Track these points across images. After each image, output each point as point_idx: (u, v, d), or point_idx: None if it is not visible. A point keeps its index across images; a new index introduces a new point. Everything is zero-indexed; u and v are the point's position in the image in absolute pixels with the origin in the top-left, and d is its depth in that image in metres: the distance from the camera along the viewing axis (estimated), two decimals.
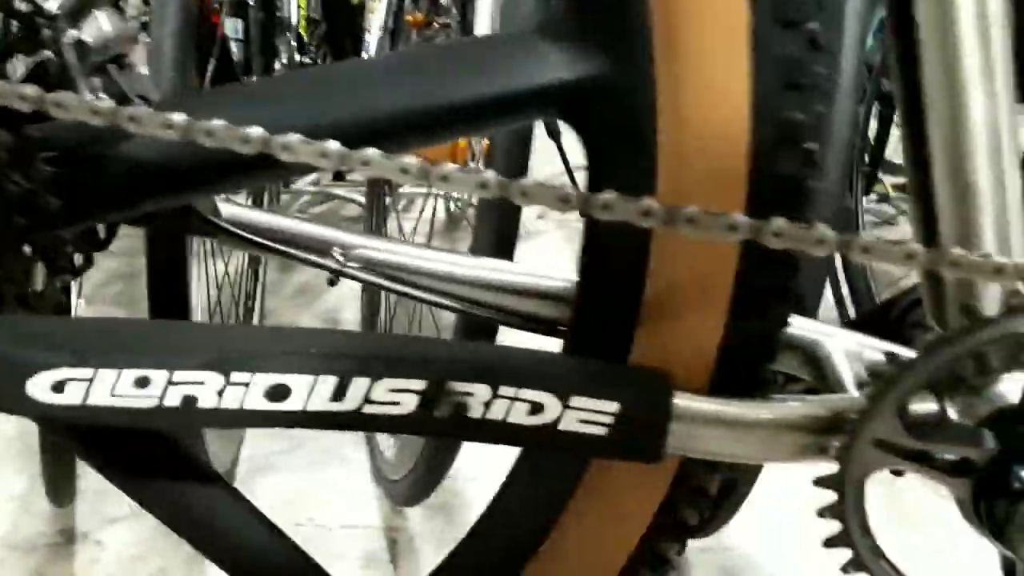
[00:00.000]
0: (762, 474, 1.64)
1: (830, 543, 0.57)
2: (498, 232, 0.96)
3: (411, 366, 0.54)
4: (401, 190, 2.11)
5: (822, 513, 0.56)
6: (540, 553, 0.67)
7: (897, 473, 0.60)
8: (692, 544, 1.42)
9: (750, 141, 0.52)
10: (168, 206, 0.63)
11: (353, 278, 0.70)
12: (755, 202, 0.52)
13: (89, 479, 1.34)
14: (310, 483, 1.50)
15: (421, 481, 1.25)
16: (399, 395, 0.54)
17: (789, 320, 0.59)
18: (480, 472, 1.44)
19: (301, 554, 0.77)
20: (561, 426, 0.55)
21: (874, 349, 0.66)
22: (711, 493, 0.64)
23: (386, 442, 1.47)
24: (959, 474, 0.53)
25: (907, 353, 0.65)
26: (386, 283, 0.70)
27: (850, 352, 0.61)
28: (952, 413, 0.58)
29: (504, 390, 0.54)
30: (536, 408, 0.55)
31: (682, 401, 0.55)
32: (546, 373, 0.55)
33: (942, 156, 0.52)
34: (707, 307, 0.56)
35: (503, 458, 0.64)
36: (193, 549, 0.70)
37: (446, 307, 0.69)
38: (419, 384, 0.54)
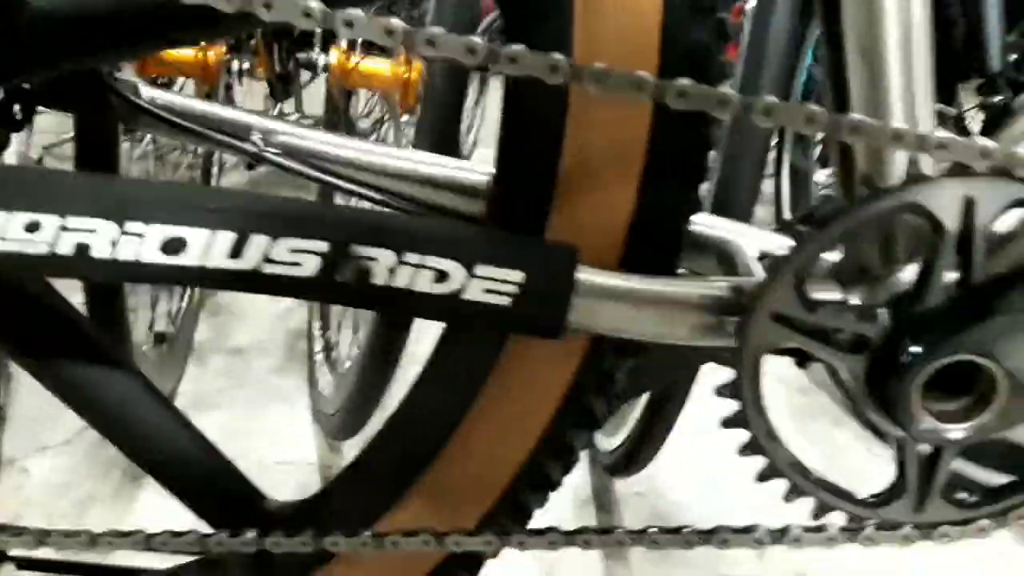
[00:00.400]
0: (700, 424, 1.67)
1: (727, 423, 0.57)
2: (440, 129, 0.95)
3: (313, 226, 0.53)
4: None
5: (720, 391, 0.56)
6: (452, 441, 0.67)
7: (801, 365, 0.61)
8: (626, 487, 1.44)
9: (663, 8, 0.52)
10: (88, 65, 0.61)
11: (272, 163, 0.69)
12: (666, 69, 0.52)
13: (21, 405, 1.31)
14: (250, 421, 1.49)
15: (355, 414, 1.24)
16: (300, 256, 0.53)
17: (700, 204, 0.59)
18: None
19: (211, 448, 0.77)
20: (466, 295, 0.54)
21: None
22: (618, 380, 0.64)
23: (325, 379, 1.46)
24: (855, 351, 0.54)
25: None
26: (305, 170, 0.69)
27: (764, 251, 0.61)
28: (854, 300, 0.59)
29: (409, 256, 0.54)
30: (441, 276, 0.54)
31: (586, 275, 0.55)
32: (452, 240, 0.54)
33: (853, 33, 0.53)
34: (618, 183, 0.56)
35: None
36: (121, 476, 0.70)
37: (364, 196, 0.68)
38: (321, 246, 0.53)
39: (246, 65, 1.53)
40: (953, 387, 0.54)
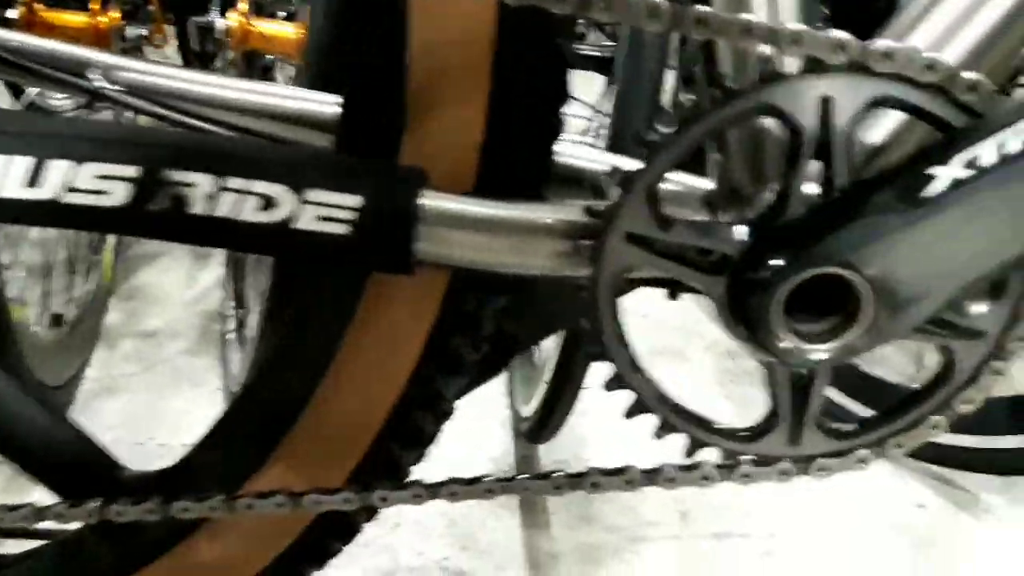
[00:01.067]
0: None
1: (589, 357, 0.54)
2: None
3: (122, 150, 0.48)
4: None
5: (580, 324, 0.53)
6: (317, 393, 0.63)
7: (673, 296, 0.58)
8: (549, 456, 1.41)
9: None
10: None
11: (112, 101, 0.64)
12: None
13: None
14: (156, 405, 1.42)
15: None
16: (107, 183, 0.48)
17: (559, 127, 0.56)
18: None
19: (62, 420, 0.71)
20: (298, 223, 0.50)
21: (669, 180, 0.63)
22: (484, 321, 0.60)
23: (236, 357, 1.40)
24: (715, 271, 0.50)
25: (697, 181, 0.63)
26: (148, 107, 0.64)
27: (617, 169, 0.58)
28: (724, 219, 0.56)
29: (231, 181, 0.49)
30: (268, 202, 0.49)
31: (431, 200, 0.51)
32: (278, 162, 0.50)
33: None
34: (466, 100, 0.52)
35: None
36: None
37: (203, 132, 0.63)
38: (131, 171, 0.48)
39: (143, 32, 1.45)
40: (825, 308, 0.51)
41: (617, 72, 0.92)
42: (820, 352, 0.49)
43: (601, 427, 1.42)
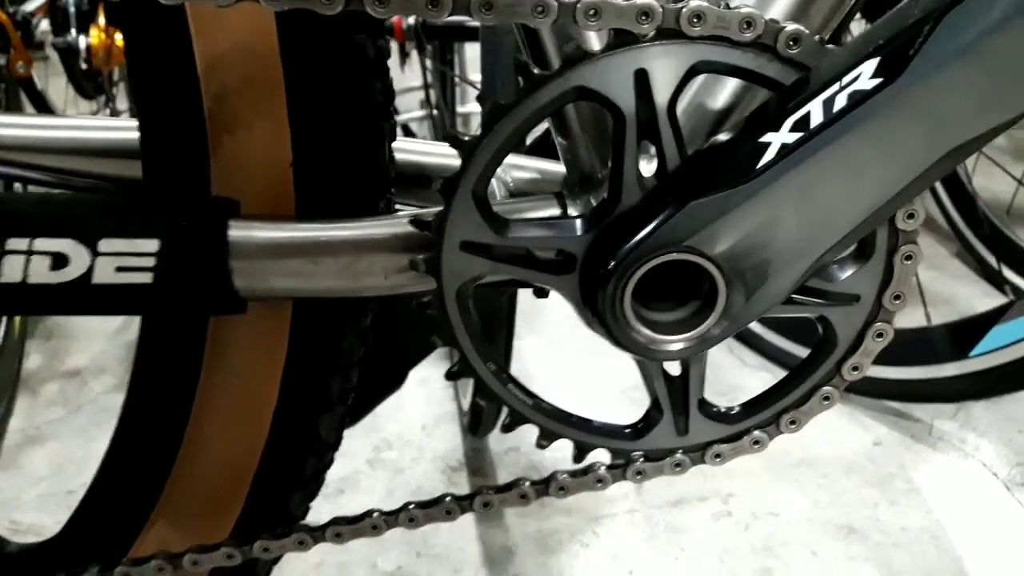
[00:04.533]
0: (575, 370, 1.62)
1: (449, 375, 0.50)
2: None
3: None
4: None
5: (435, 340, 0.48)
6: (183, 445, 0.58)
7: (538, 294, 0.54)
8: (500, 446, 1.38)
9: None
10: None
11: None
12: None
13: None
14: (86, 449, 1.37)
15: None
16: None
17: (390, 131, 0.51)
18: None
19: None
20: (96, 279, 0.45)
21: (525, 168, 0.59)
22: (348, 347, 0.56)
23: None
24: (564, 270, 0.46)
25: (554, 167, 0.58)
26: None
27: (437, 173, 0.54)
28: (574, 212, 0.52)
29: (13, 243, 0.44)
30: (59, 260, 0.45)
31: (241, 231, 0.46)
32: (62, 215, 0.45)
33: None
34: (264, 116, 0.47)
35: None
36: None
37: (26, 180, 0.58)
38: None
39: (1, 61, 1.36)
40: (683, 292, 0.47)
41: (481, 43, 0.87)
42: (679, 343, 0.45)
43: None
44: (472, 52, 2.01)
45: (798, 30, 0.41)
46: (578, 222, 0.45)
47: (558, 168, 0.57)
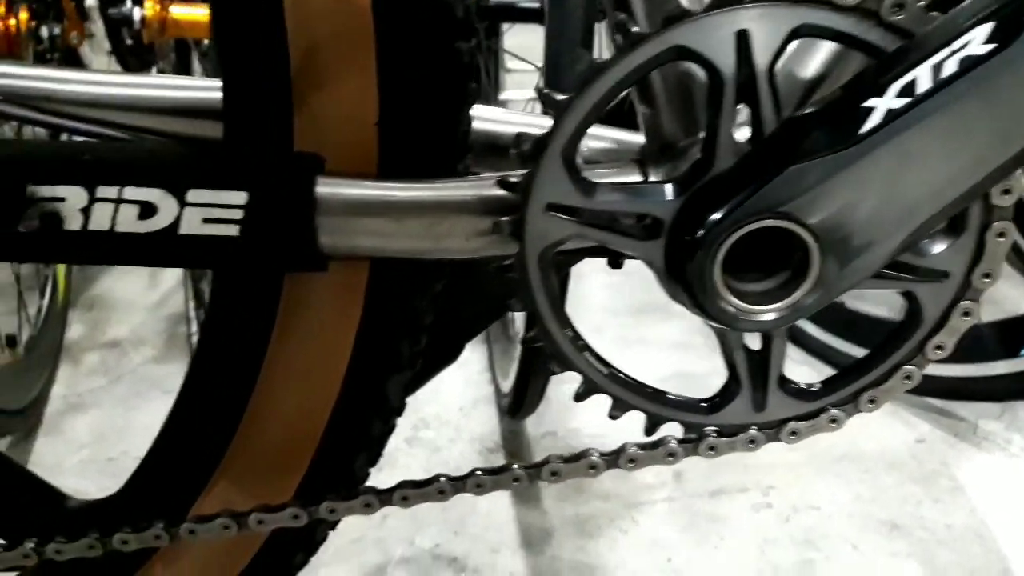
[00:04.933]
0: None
1: (527, 340, 0.49)
2: None
3: None
4: None
5: (511, 305, 0.48)
6: (249, 406, 0.58)
7: (614, 264, 0.53)
8: (536, 429, 1.38)
9: None
10: None
11: None
12: None
13: None
14: (127, 417, 1.38)
15: None
16: None
17: (469, 95, 0.50)
18: None
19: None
20: (183, 230, 0.45)
21: (600, 138, 0.58)
22: (420, 311, 0.55)
23: None
24: (650, 236, 0.46)
25: (630, 136, 0.58)
26: (28, 115, 0.58)
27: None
28: (655, 178, 0.51)
29: (103, 190, 0.44)
30: (148, 209, 0.45)
31: (328, 188, 0.46)
32: (152, 164, 0.45)
33: None
34: (354, 74, 0.47)
35: None
36: None
37: (99, 137, 0.58)
38: None
39: (56, 31, 1.37)
40: (772, 261, 0.46)
41: (546, 23, 0.86)
42: (769, 313, 0.45)
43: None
44: (510, 40, 2.00)
45: None
46: (668, 186, 0.45)
47: (634, 138, 0.56)
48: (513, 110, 0.61)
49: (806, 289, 0.44)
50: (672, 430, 0.53)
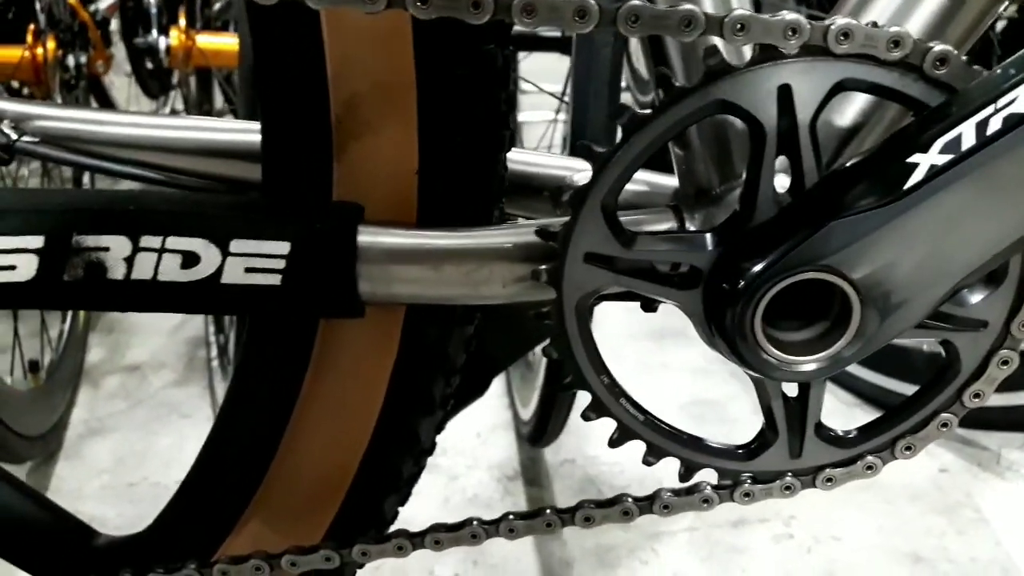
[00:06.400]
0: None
1: (564, 386, 0.49)
2: None
3: (19, 219, 0.44)
4: None
5: (547, 352, 0.48)
6: (281, 447, 0.59)
7: (647, 308, 0.53)
8: (555, 457, 1.37)
9: None
10: None
11: (28, 154, 0.59)
12: None
13: None
14: (147, 442, 1.39)
15: None
16: (13, 257, 0.44)
17: (506, 140, 0.51)
18: None
19: (32, 494, 0.68)
20: (225, 279, 0.46)
21: (634, 180, 0.59)
22: (452, 353, 0.55)
23: (222, 384, 1.37)
24: (688, 285, 0.46)
25: (663, 180, 0.58)
26: (68, 157, 0.59)
27: (566, 183, 0.53)
28: (691, 226, 0.51)
29: (147, 240, 0.45)
30: (190, 259, 0.45)
31: (369, 237, 0.46)
32: (195, 214, 0.45)
33: None
34: (395, 122, 0.47)
35: None
36: None
37: (138, 178, 0.58)
38: (36, 241, 0.44)
39: (83, 59, 1.38)
40: (811, 312, 0.46)
41: (572, 63, 0.87)
42: (808, 364, 0.45)
43: (607, 423, 1.38)
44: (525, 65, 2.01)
45: (946, 50, 0.40)
46: (707, 236, 0.45)
47: (668, 181, 0.57)
48: (543, 152, 0.61)
49: (846, 341, 0.44)
50: (707, 475, 0.53)
